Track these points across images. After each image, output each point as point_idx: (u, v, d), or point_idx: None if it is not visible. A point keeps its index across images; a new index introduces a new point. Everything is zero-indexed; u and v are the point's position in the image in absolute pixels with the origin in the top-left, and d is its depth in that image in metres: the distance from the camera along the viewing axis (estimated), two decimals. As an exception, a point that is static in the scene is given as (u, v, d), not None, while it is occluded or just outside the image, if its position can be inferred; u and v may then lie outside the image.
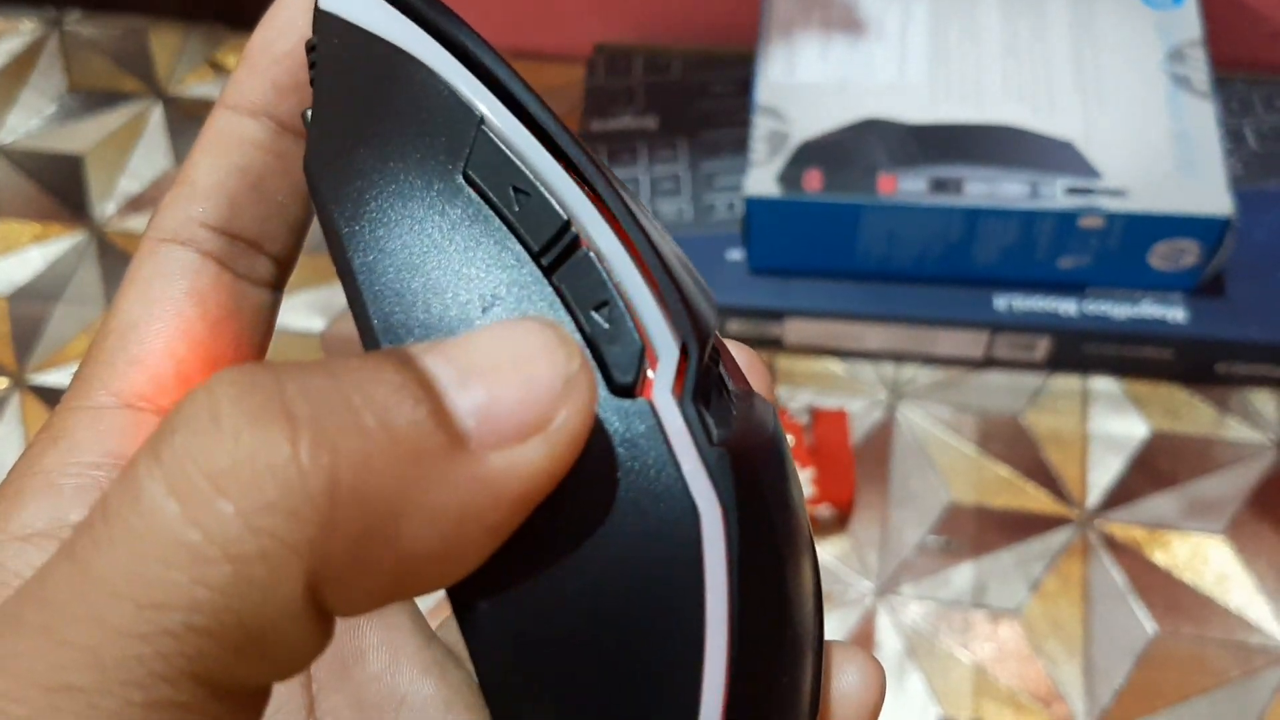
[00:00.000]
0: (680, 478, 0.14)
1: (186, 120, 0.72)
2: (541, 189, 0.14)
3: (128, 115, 0.73)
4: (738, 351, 0.17)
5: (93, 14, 0.78)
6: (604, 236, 0.14)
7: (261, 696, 0.12)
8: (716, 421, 0.14)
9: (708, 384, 0.15)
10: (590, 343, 0.14)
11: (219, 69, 0.74)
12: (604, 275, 0.14)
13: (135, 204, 0.69)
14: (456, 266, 0.14)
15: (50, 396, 0.63)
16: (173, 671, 0.10)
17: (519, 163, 0.15)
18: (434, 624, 0.19)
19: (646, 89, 0.64)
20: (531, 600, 0.13)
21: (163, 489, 0.10)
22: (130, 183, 0.70)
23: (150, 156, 0.71)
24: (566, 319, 0.14)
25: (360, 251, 0.15)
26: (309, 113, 0.16)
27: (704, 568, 0.14)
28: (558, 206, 0.14)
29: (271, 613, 0.11)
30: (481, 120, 0.15)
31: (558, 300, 0.14)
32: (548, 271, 0.14)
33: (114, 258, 0.67)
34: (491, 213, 0.15)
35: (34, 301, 0.66)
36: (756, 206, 0.55)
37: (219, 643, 0.10)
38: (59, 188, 0.70)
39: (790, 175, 0.55)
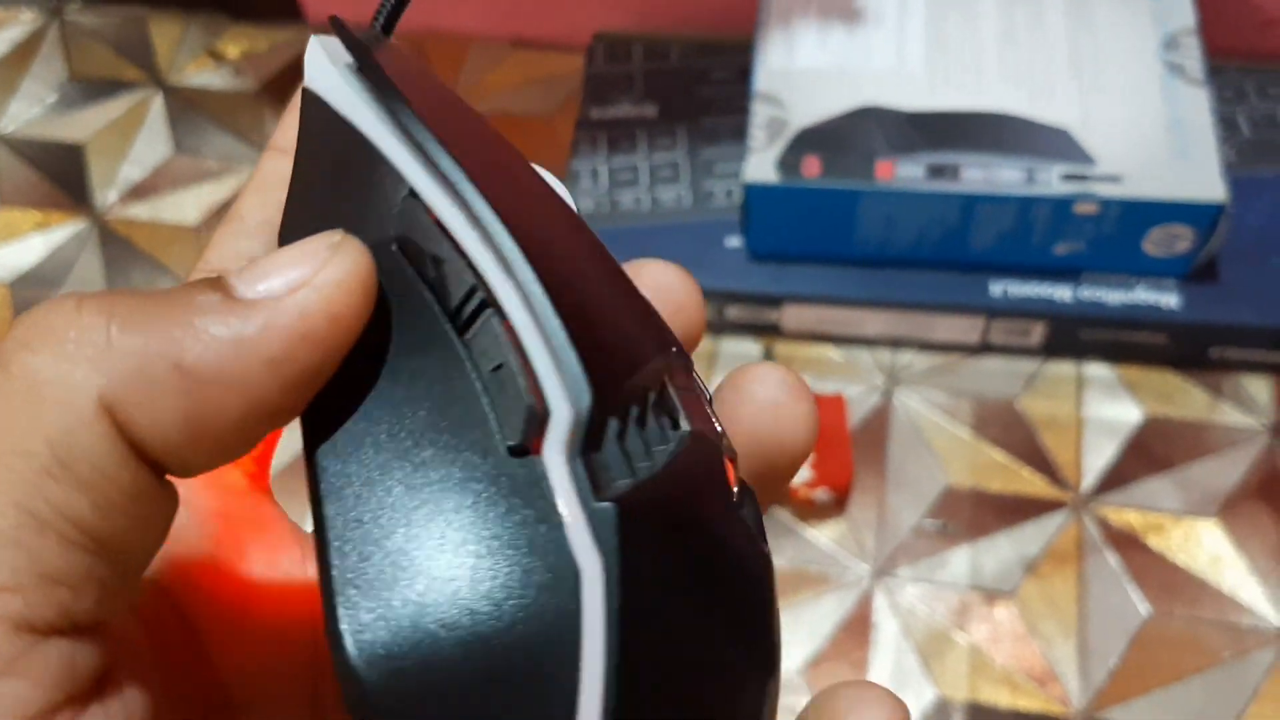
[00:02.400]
0: (561, 534, 0.14)
1: (187, 109, 0.73)
2: (457, 253, 0.15)
3: (128, 104, 0.73)
4: (666, 279, 0.18)
5: (93, 4, 0.78)
6: (509, 297, 0.14)
7: (92, 568, 0.13)
8: (618, 471, 0.14)
9: (606, 435, 0.14)
10: (493, 405, 0.15)
11: (219, 58, 0.75)
12: (501, 337, 0.14)
13: (137, 191, 0.70)
14: (384, 331, 0.15)
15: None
16: (19, 528, 0.13)
17: (438, 229, 0.15)
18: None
19: (646, 77, 0.65)
20: (414, 662, 0.14)
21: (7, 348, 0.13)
22: (131, 170, 0.70)
23: (151, 144, 0.71)
24: (475, 380, 0.15)
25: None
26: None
27: (582, 625, 0.14)
28: (468, 270, 0.15)
29: (74, 428, 0.13)
30: (410, 191, 0.15)
31: (469, 361, 0.15)
32: (459, 333, 0.15)
33: (115, 244, 0.68)
34: (418, 277, 0.15)
35: (36, 287, 0.67)
36: (755, 193, 0.55)
37: (46, 474, 0.13)
38: (60, 175, 0.71)
39: (789, 161, 0.55)
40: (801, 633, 0.54)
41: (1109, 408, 0.58)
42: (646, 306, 0.17)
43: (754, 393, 0.17)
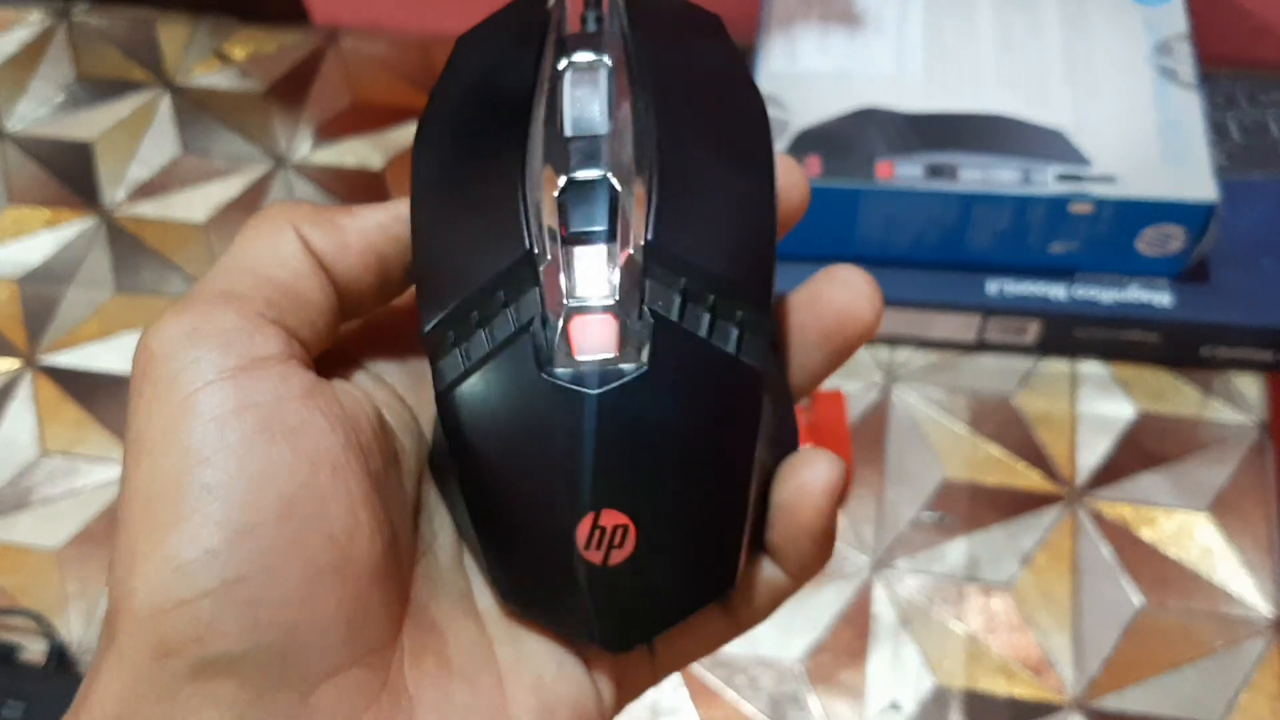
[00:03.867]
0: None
1: (195, 109, 0.74)
2: None
3: (136, 104, 0.74)
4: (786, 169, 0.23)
5: (100, 5, 0.79)
6: None
7: (291, 309, 0.21)
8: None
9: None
10: None
11: (226, 60, 0.76)
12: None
13: (145, 190, 0.71)
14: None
15: (61, 377, 0.64)
16: (254, 273, 0.21)
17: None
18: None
19: (648, 80, 0.66)
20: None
21: (239, 234, 0.22)
22: (139, 170, 0.71)
23: (159, 144, 0.72)
24: None
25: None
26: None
27: None
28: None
29: (281, 235, 0.22)
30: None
31: None
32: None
33: (124, 241, 0.69)
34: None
35: (45, 284, 0.67)
36: (757, 191, 0.56)
37: (268, 255, 0.22)
38: (69, 174, 0.72)
39: (790, 161, 0.56)
40: (802, 622, 0.54)
41: (1103, 404, 0.59)
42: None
43: (831, 281, 0.24)
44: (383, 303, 0.24)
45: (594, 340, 0.20)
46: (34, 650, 0.56)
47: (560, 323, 0.20)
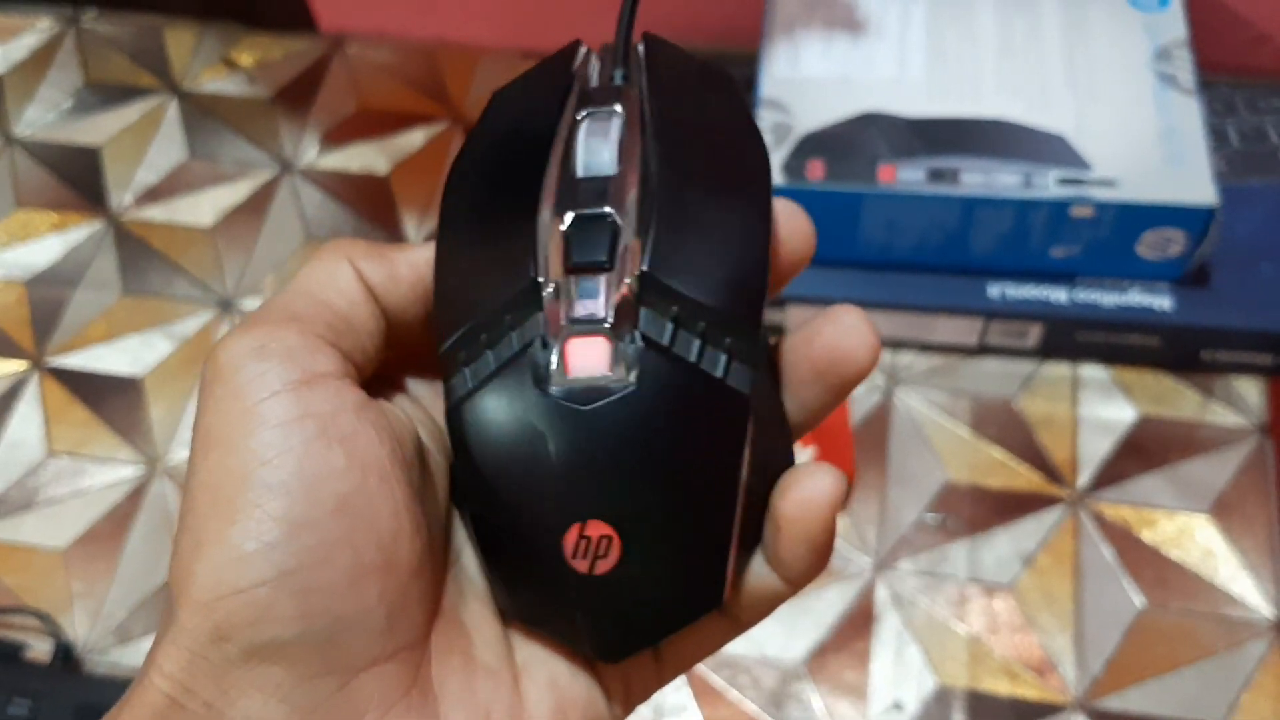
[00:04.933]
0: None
1: (202, 116, 0.74)
2: None
3: (144, 110, 0.75)
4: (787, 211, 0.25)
5: (109, 12, 0.79)
6: None
7: (347, 332, 0.23)
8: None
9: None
10: None
11: (233, 66, 0.76)
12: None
13: (152, 194, 0.71)
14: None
15: (68, 379, 0.65)
16: (313, 299, 0.23)
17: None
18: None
19: (653, 86, 0.66)
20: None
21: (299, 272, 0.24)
22: (147, 174, 0.72)
23: (166, 150, 0.73)
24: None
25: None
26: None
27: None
28: None
29: (339, 268, 0.24)
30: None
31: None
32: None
33: (131, 245, 0.69)
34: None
35: (53, 287, 0.68)
36: (761, 195, 0.57)
37: (327, 285, 0.24)
38: (77, 178, 0.72)
39: (794, 165, 0.57)
40: (805, 623, 0.55)
41: (1104, 408, 0.59)
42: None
43: (829, 321, 0.24)
44: (428, 331, 0.27)
45: (587, 361, 0.21)
46: (39, 649, 0.56)
47: (558, 344, 0.22)
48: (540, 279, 0.22)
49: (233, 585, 0.20)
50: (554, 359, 0.22)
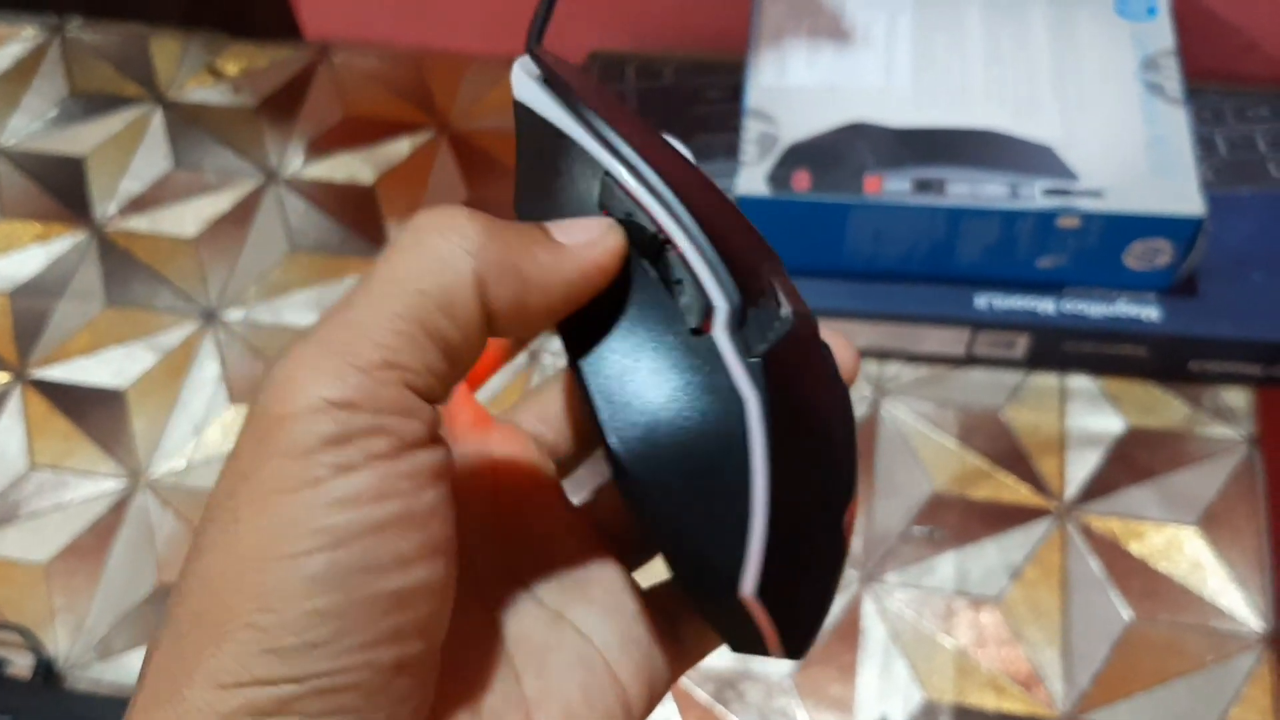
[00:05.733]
0: (730, 380, 0.22)
1: (187, 125, 0.74)
2: (641, 213, 0.23)
3: (129, 119, 0.74)
4: (839, 347, 0.26)
5: (94, 21, 0.79)
6: (679, 236, 0.23)
7: (447, 373, 0.21)
8: (758, 339, 0.23)
9: (748, 318, 0.23)
10: (678, 306, 0.23)
11: (219, 75, 0.76)
12: (679, 263, 0.23)
13: (136, 204, 0.71)
14: None
15: (51, 391, 0.64)
16: (402, 313, 0.19)
17: (628, 197, 0.23)
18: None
19: (640, 95, 0.66)
20: (651, 452, 0.22)
21: (405, 233, 0.20)
22: (131, 184, 0.71)
23: (151, 159, 0.72)
24: (665, 292, 0.23)
25: None
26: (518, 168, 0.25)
27: (749, 432, 0.22)
28: (650, 223, 0.23)
29: (456, 286, 0.20)
30: (605, 171, 0.23)
31: (660, 282, 0.23)
32: (652, 263, 0.23)
33: (115, 255, 0.69)
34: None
35: (36, 298, 0.67)
36: (747, 206, 0.56)
37: (430, 300, 0.20)
38: (61, 188, 0.72)
39: (779, 176, 0.56)
40: (791, 637, 0.54)
41: (1091, 418, 0.59)
42: (751, 226, 0.26)
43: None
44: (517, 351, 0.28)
45: None
46: (20, 665, 0.56)
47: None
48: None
49: (257, 677, 0.18)
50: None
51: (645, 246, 0.23)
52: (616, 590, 0.25)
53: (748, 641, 0.24)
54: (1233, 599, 0.54)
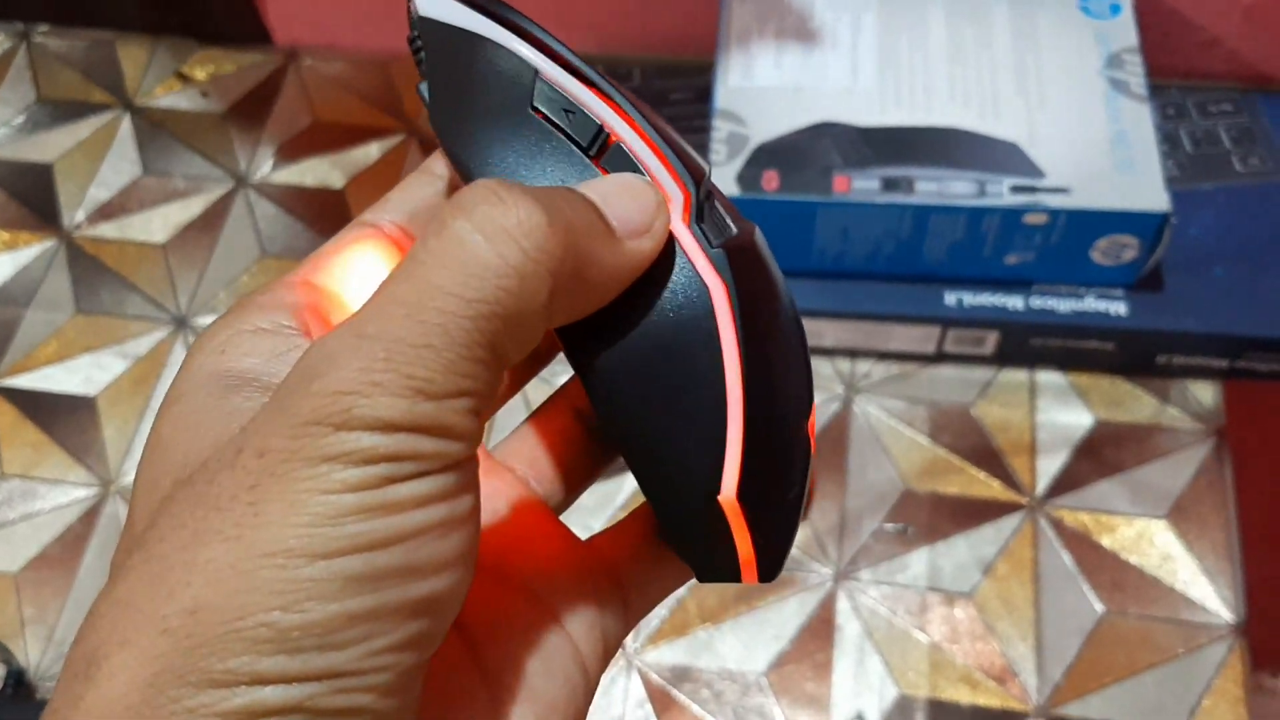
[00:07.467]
0: (695, 270, 0.22)
1: (155, 131, 0.73)
2: (581, 109, 0.22)
3: (96, 125, 0.74)
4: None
5: (61, 27, 0.79)
6: (624, 131, 0.22)
7: (501, 391, 0.20)
8: (715, 234, 0.22)
9: (704, 213, 0.22)
10: None
11: (187, 80, 0.75)
12: (629, 155, 0.22)
13: (104, 211, 0.70)
14: (539, 166, 0.22)
15: (19, 399, 0.64)
16: (478, 339, 0.18)
17: (564, 94, 0.22)
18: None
19: (608, 97, 0.66)
20: (618, 342, 0.22)
21: (474, 234, 0.19)
22: (100, 191, 0.71)
23: (119, 165, 0.72)
24: None
25: (477, 170, 0.22)
26: (423, 87, 0.24)
27: (717, 320, 0.22)
28: (593, 118, 0.22)
29: (531, 308, 0.19)
30: (537, 71, 0.22)
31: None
32: (594, 160, 0.22)
33: (83, 263, 0.68)
34: (553, 129, 0.22)
35: (4, 306, 0.67)
36: (716, 206, 0.56)
37: (503, 323, 0.19)
38: (28, 196, 0.71)
39: (748, 176, 0.57)
40: (766, 635, 0.54)
41: (1061, 413, 0.60)
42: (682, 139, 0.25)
43: None
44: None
45: None
46: (-9, 676, 0.55)
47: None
48: None
49: (265, 676, 0.18)
50: None
51: (588, 145, 0.22)
52: (563, 547, 0.26)
53: (719, 565, 0.23)
54: (1203, 590, 0.55)
